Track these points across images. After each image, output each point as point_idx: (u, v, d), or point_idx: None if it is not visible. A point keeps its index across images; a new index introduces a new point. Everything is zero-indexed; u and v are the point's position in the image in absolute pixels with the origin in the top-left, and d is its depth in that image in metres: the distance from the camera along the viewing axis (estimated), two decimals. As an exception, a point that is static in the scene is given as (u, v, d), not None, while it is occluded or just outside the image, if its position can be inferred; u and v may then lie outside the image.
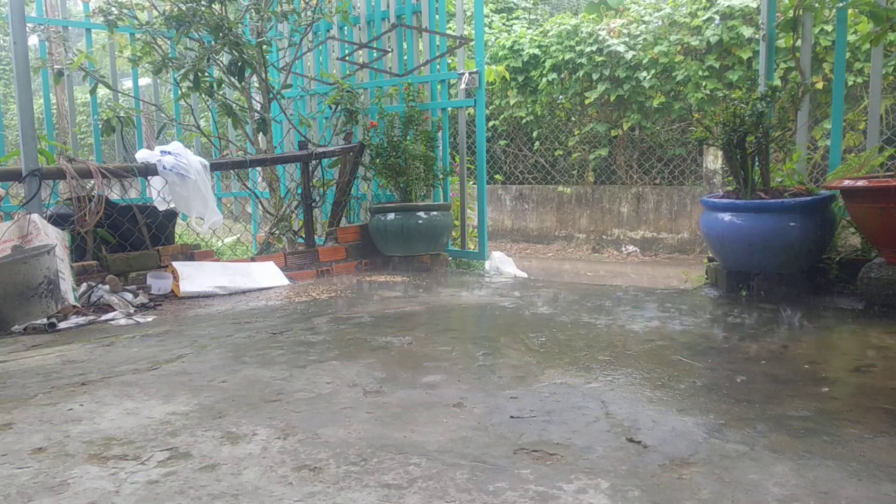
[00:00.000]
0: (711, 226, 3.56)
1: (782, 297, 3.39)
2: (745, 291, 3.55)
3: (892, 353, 2.40)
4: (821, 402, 1.91)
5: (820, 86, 6.38)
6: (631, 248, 8.11)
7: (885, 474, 1.43)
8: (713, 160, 7.62)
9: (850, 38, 5.90)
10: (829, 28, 6.52)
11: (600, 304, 3.47)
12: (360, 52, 5.58)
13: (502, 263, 5.30)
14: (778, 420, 1.76)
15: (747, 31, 7.22)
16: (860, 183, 3.02)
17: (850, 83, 6.50)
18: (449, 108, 5.29)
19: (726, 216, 3.48)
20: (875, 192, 2.95)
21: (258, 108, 4.99)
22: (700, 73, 7.53)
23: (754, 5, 7.17)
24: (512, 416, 1.80)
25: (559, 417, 1.80)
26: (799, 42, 3.83)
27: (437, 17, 5.15)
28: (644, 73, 7.84)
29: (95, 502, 1.36)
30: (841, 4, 3.54)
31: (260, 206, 5.57)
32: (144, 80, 9.31)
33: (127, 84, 8.60)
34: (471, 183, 5.58)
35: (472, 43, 4.99)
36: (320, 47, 5.76)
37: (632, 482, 1.41)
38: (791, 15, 3.83)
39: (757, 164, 3.57)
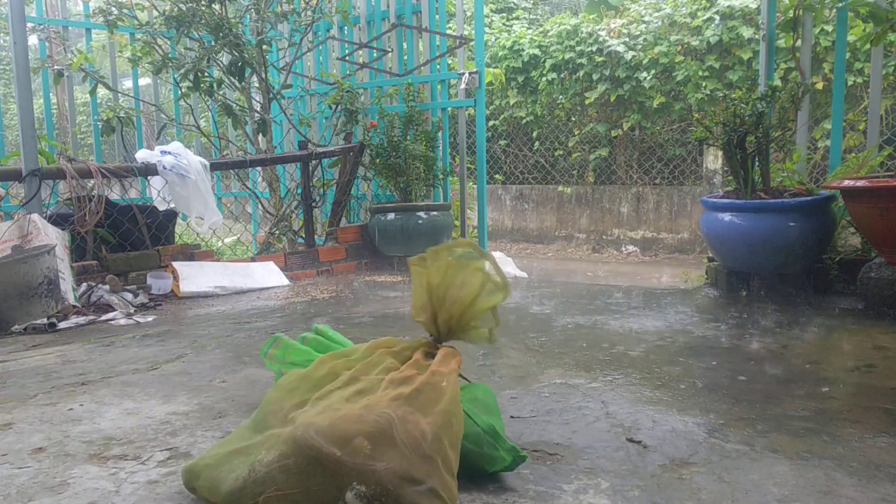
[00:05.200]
0: (711, 226, 3.56)
1: (782, 297, 3.39)
2: (744, 291, 3.55)
3: (891, 353, 2.40)
4: (821, 401, 1.91)
5: (820, 86, 6.38)
6: (631, 248, 8.11)
7: (885, 475, 1.43)
8: (713, 160, 7.62)
9: (850, 38, 5.90)
10: (829, 28, 6.53)
11: (600, 304, 3.47)
12: (360, 52, 5.58)
13: (502, 263, 5.28)
14: (778, 420, 1.76)
15: (747, 32, 7.23)
16: (860, 183, 3.02)
17: (850, 83, 6.50)
18: (449, 108, 5.29)
19: (726, 216, 3.48)
20: (875, 192, 2.95)
21: (258, 108, 4.99)
22: (700, 73, 7.54)
23: (754, 6, 7.17)
24: (512, 416, 1.80)
25: (559, 417, 1.80)
26: (799, 42, 3.83)
27: (437, 17, 5.15)
28: (644, 74, 7.84)
29: (95, 502, 1.36)
30: (841, 5, 3.54)
31: (260, 206, 5.57)
32: (144, 80, 9.32)
33: (127, 84, 8.60)
34: (471, 183, 5.58)
35: (472, 43, 4.99)
36: (320, 47, 5.77)
37: (632, 482, 1.41)
38: (791, 15, 3.84)
39: (757, 164, 3.57)
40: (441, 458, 1.20)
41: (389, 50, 5.40)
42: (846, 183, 3.10)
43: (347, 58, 5.59)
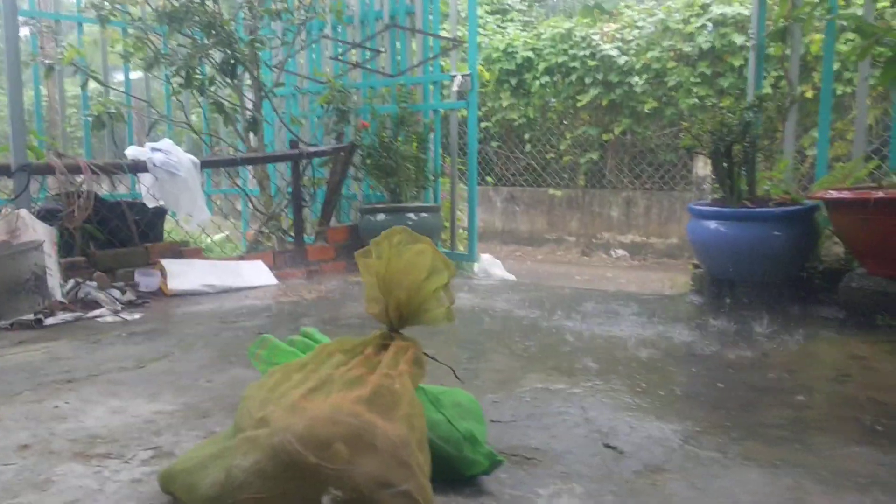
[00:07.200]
0: (698, 233, 3.60)
1: (765, 306, 3.44)
2: (728, 299, 3.59)
3: (869, 363, 2.44)
4: (797, 410, 1.94)
5: (810, 94, 6.43)
6: (620, 252, 8.16)
7: (853, 483, 1.46)
8: (703, 166, 7.67)
9: (841, 48, 5.96)
10: (818, 38, 6.58)
11: (586, 308, 3.51)
12: (353, 51, 5.59)
13: (491, 266, 5.33)
14: (753, 428, 1.79)
15: (739, 39, 7.28)
16: (843, 194, 3.07)
17: (840, 92, 6.56)
18: (441, 110, 5.31)
19: (712, 224, 3.52)
20: (856, 203, 2.99)
21: (250, 107, 5.00)
22: (692, 79, 7.59)
23: (746, 13, 7.23)
24: (492, 420, 1.83)
25: (539, 422, 1.83)
26: (788, 52, 3.87)
27: (430, 18, 5.17)
28: (636, 78, 7.89)
29: (79, 500, 1.38)
30: (829, 17, 3.58)
31: (250, 204, 5.57)
32: (136, 75, 9.27)
33: (119, 78, 8.55)
34: (461, 185, 5.59)
35: (465, 45, 5.01)
36: (313, 46, 5.77)
37: (606, 487, 1.44)
38: (781, 25, 3.88)
39: (744, 172, 3.61)
40: (415, 463, 1.22)
41: (382, 50, 5.41)
42: (830, 193, 3.14)
43: (340, 57, 5.60)
